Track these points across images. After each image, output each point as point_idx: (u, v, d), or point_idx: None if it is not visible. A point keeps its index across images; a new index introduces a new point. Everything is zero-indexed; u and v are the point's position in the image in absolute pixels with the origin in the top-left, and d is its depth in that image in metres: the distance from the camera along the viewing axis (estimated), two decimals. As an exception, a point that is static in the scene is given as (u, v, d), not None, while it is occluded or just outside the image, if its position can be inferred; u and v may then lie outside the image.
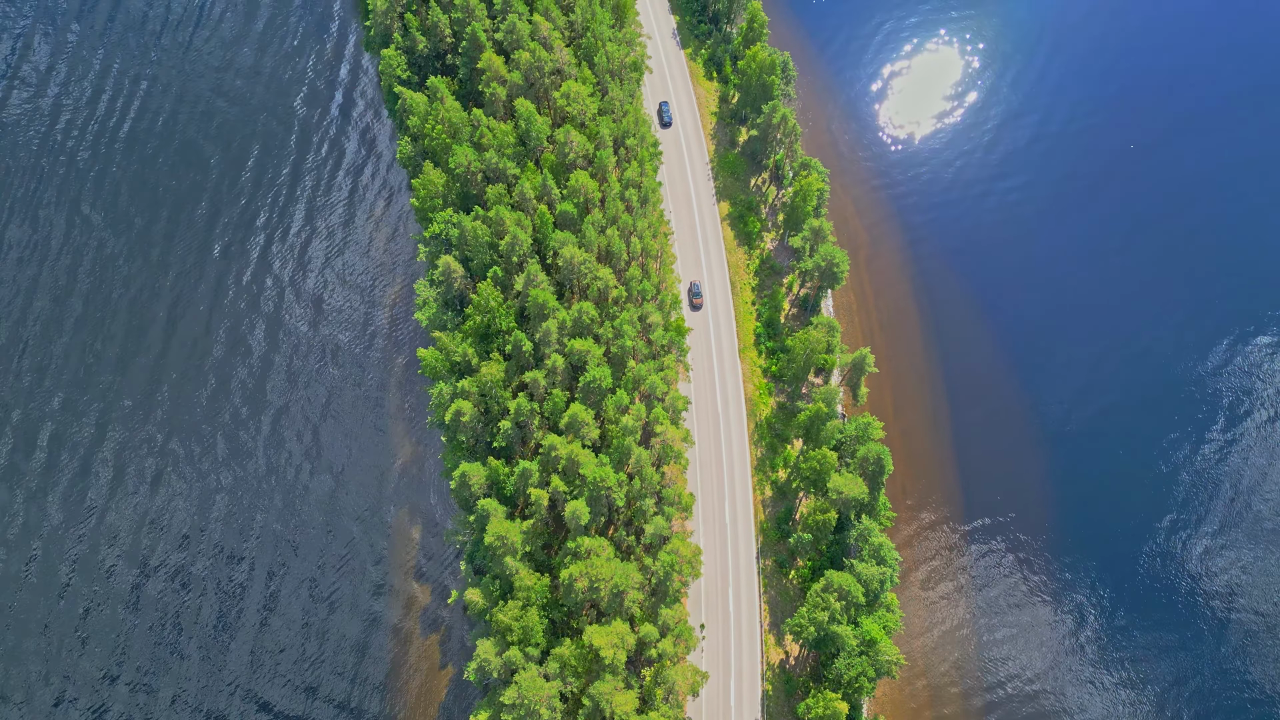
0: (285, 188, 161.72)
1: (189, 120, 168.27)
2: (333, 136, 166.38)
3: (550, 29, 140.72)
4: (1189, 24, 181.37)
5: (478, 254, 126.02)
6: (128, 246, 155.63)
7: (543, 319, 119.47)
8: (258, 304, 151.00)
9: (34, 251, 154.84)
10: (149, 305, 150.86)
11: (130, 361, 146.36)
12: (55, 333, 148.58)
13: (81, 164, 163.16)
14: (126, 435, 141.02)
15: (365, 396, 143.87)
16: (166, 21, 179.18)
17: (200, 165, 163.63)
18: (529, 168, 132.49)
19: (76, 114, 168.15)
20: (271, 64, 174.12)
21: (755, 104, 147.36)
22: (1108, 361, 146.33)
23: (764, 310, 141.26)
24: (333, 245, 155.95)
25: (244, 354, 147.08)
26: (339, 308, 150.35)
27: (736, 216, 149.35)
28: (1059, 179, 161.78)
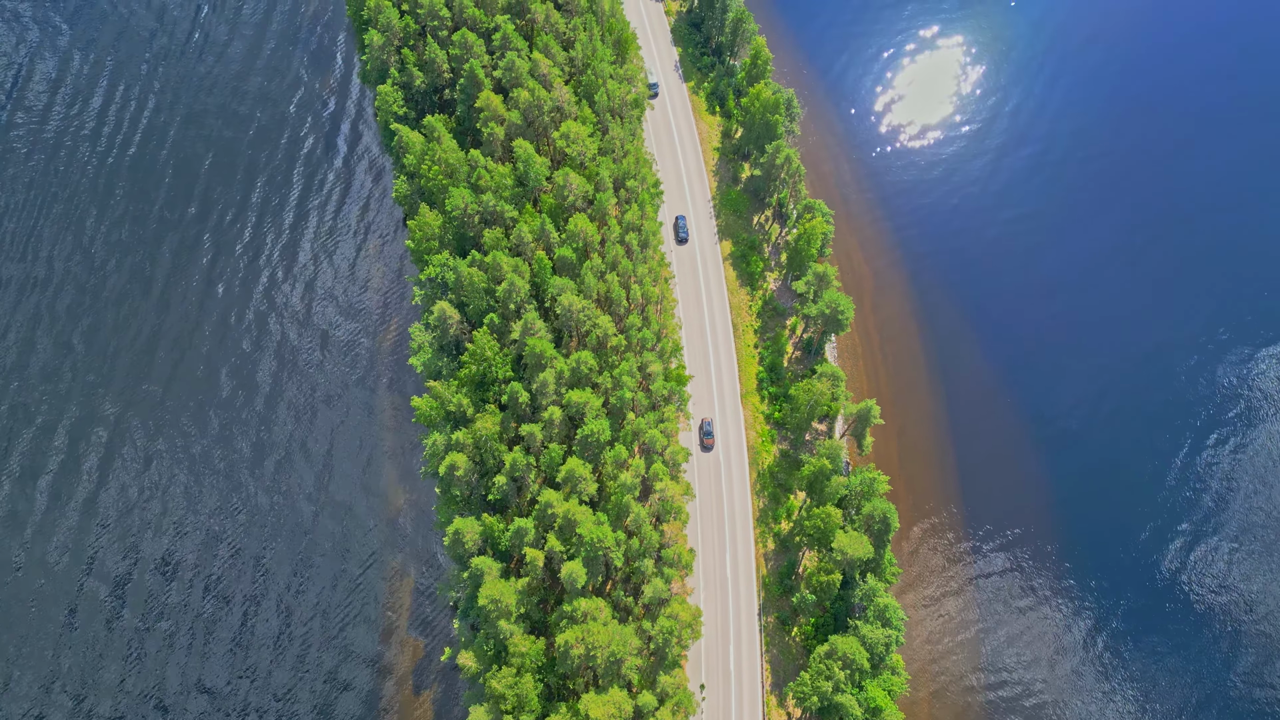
0: (284, 220, 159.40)
1: (189, 151, 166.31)
2: (333, 170, 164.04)
3: (550, 66, 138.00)
4: (1195, 33, 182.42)
5: (474, 300, 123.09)
6: (126, 281, 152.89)
7: (540, 369, 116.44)
8: (257, 339, 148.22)
9: (32, 281, 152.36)
10: (150, 340, 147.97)
11: (132, 399, 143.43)
12: (49, 394, 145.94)
13: (82, 195, 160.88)
14: (126, 480, 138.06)
15: (363, 437, 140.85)
16: (168, 51, 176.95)
17: (199, 197, 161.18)
18: (527, 210, 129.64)
19: (78, 142, 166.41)
20: (274, 93, 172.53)
21: (759, 143, 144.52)
22: (1116, 382, 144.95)
23: (766, 354, 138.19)
24: (331, 282, 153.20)
25: (245, 391, 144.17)
26: (337, 346, 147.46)
27: (739, 256, 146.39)
28: (1063, 206, 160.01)
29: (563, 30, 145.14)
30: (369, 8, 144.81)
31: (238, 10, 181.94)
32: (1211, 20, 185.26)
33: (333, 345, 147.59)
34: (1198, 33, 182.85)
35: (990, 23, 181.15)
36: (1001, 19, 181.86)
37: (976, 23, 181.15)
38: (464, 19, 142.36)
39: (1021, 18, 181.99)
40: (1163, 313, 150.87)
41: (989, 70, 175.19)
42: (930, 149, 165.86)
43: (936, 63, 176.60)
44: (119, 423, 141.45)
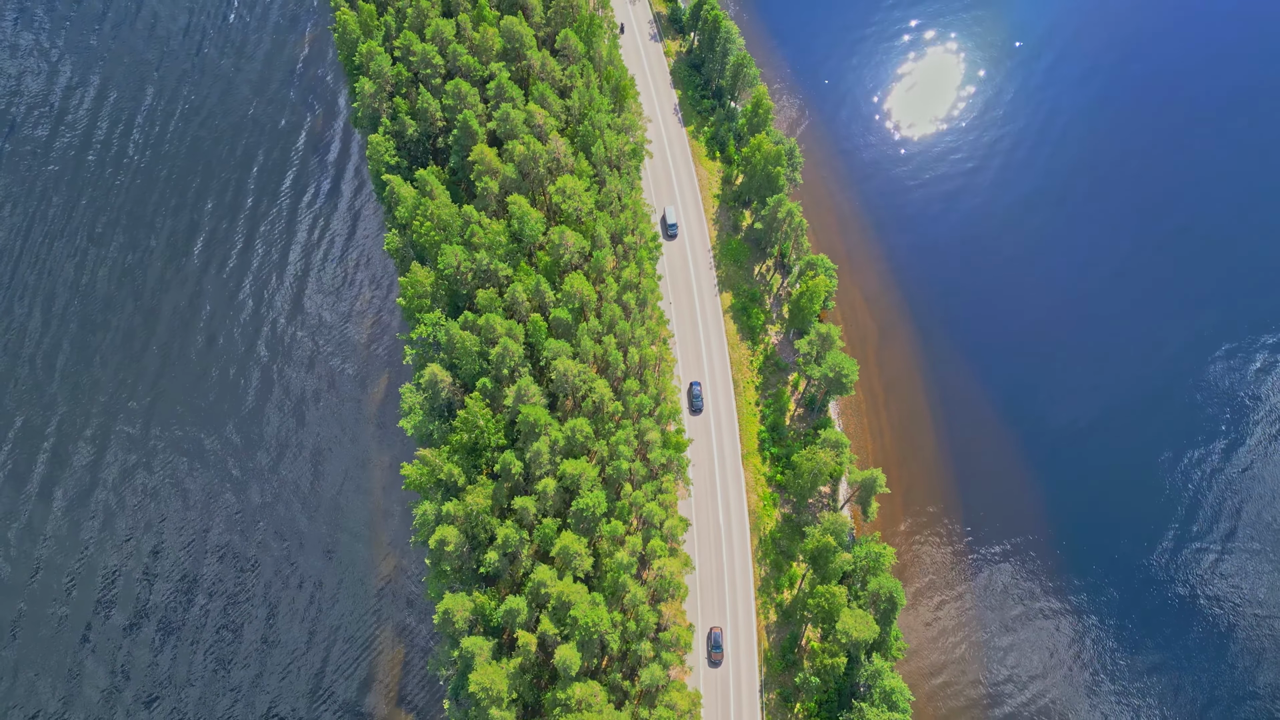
0: (275, 267, 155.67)
1: (178, 190, 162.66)
2: (326, 212, 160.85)
3: (546, 116, 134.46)
4: (1192, 29, 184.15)
5: (466, 363, 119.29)
6: (119, 338, 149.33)
7: (534, 437, 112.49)
8: (250, 390, 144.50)
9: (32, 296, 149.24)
10: (131, 392, 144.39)
11: (121, 487, 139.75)
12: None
13: (76, 237, 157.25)
14: (117, 564, 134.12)
15: (353, 496, 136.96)
16: (159, 97, 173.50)
17: (183, 237, 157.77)
18: (522, 267, 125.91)
19: (64, 180, 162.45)
20: (267, 130, 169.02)
21: (760, 195, 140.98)
22: (1120, 393, 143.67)
23: (768, 413, 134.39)
24: (322, 331, 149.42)
25: (242, 443, 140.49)
26: (328, 401, 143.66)
27: (739, 309, 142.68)
28: (1070, 239, 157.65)
29: (559, 78, 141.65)
30: (360, 54, 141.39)
31: (240, 47, 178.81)
32: (1213, 20, 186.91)
33: (323, 398, 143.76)
34: (1199, 32, 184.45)
35: (995, 59, 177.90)
36: (1006, 56, 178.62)
37: (979, 56, 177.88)
38: (458, 67, 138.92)
39: (1025, 53, 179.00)
40: (1173, 322, 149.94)
41: (994, 105, 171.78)
42: (935, 186, 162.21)
43: (940, 97, 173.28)
44: (117, 483, 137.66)
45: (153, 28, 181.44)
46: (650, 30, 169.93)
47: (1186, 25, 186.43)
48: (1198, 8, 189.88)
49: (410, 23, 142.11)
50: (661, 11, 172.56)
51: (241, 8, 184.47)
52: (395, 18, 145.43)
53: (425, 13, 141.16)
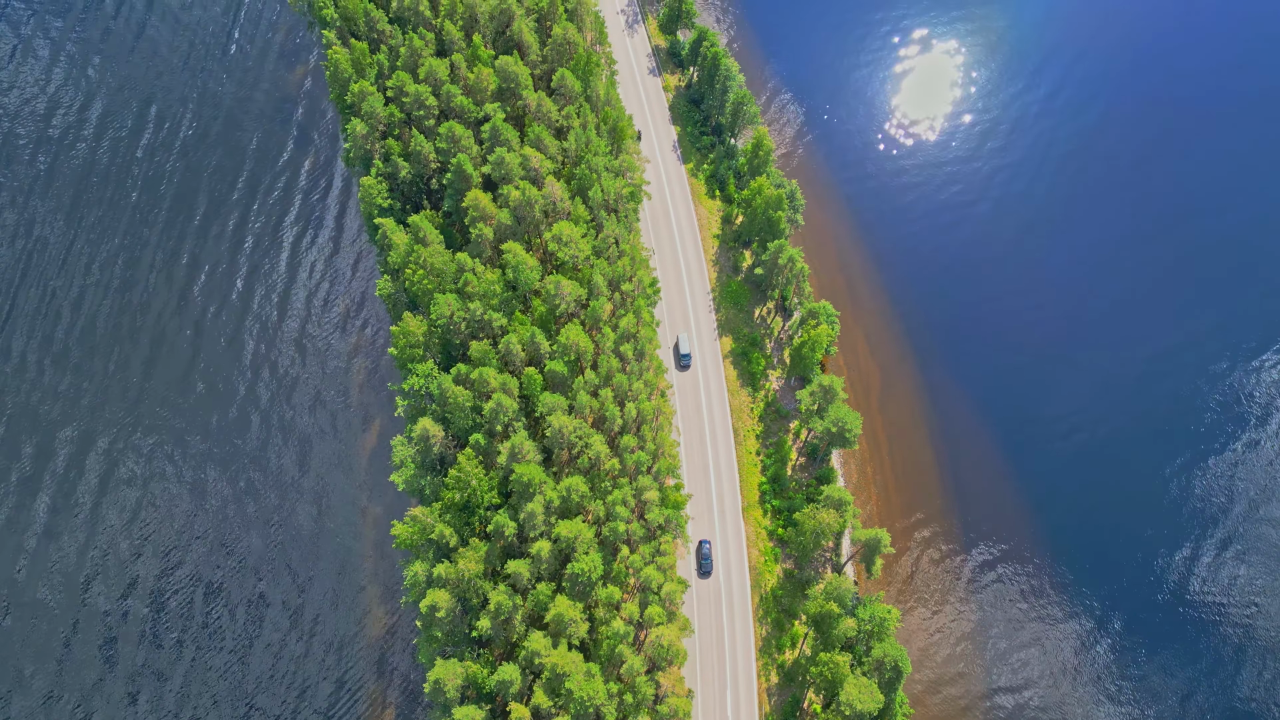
0: (272, 307, 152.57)
1: (172, 239, 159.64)
2: (321, 254, 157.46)
3: (542, 159, 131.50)
4: (1198, 33, 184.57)
5: (458, 418, 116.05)
6: (99, 386, 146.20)
7: (528, 498, 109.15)
8: (244, 435, 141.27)
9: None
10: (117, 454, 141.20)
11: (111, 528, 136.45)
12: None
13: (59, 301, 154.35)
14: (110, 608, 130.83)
15: (344, 548, 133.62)
16: (157, 130, 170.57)
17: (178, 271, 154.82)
18: (517, 317, 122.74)
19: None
20: (265, 169, 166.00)
21: (761, 239, 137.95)
22: (1125, 406, 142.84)
23: (769, 462, 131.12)
24: (313, 375, 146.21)
25: (226, 490, 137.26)
26: (318, 450, 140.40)
27: (740, 353, 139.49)
28: (1072, 282, 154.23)
29: (555, 118, 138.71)
30: (353, 93, 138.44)
31: (240, 78, 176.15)
32: (1215, 19, 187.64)
33: (313, 445, 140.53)
34: (1201, 32, 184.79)
35: (994, 89, 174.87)
36: (1006, 86, 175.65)
37: (977, 88, 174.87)
38: (452, 108, 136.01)
39: (1024, 83, 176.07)
40: (1175, 343, 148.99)
41: (992, 136, 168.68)
42: (938, 223, 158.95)
43: (940, 126, 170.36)
44: (112, 531, 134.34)
45: (151, 59, 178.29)
46: (649, 64, 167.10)
47: (1189, 33, 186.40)
48: (1199, 12, 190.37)
49: (403, 62, 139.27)
50: (660, 45, 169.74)
51: (242, 39, 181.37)
52: (388, 56, 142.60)
53: (419, 52, 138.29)
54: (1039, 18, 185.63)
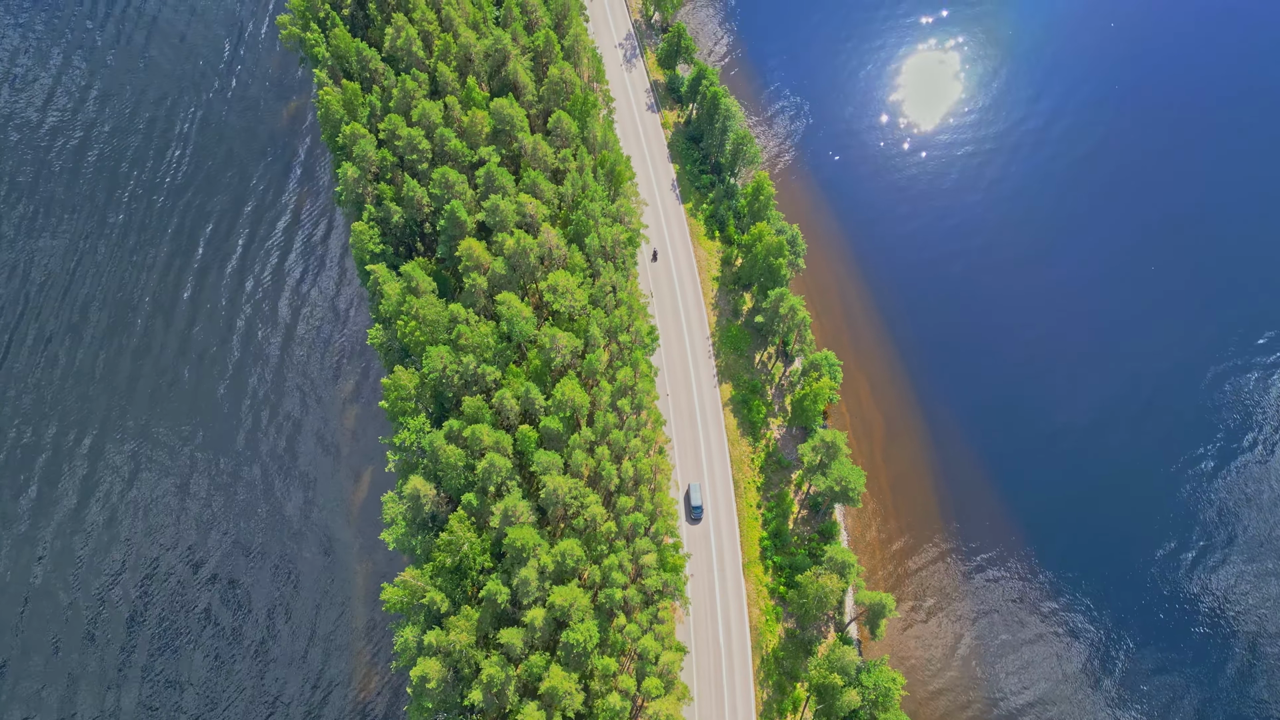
0: (266, 349, 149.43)
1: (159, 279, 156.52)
2: (316, 294, 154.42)
3: (537, 205, 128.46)
4: (1201, 33, 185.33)
5: (450, 477, 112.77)
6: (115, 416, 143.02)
7: (521, 563, 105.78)
8: (234, 489, 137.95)
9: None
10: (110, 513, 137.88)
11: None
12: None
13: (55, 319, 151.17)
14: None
15: (335, 607, 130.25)
16: (154, 166, 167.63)
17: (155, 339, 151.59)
18: (511, 370, 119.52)
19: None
20: (262, 206, 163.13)
21: (761, 285, 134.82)
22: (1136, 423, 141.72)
23: (770, 516, 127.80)
24: (302, 419, 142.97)
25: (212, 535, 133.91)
26: (312, 498, 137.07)
27: (740, 401, 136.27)
28: (1086, 318, 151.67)
29: (551, 162, 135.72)
30: (345, 135, 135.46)
31: (240, 111, 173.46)
32: (1218, 19, 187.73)
33: (308, 491, 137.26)
34: (1203, 32, 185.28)
35: (1003, 129, 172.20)
36: (1010, 120, 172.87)
37: (991, 135, 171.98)
38: (445, 152, 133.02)
39: (1028, 117, 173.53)
40: (1182, 357, 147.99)
41: (1006, 174, 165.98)
42: (942, 263, 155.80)
43: (945, 164, 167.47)
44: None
45: (144, 92, 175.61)
46: (647, 100, 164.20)
47: (1190, 31, 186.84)
48: (1200, 12, 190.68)
49: (396, 103, 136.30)
50: (659, 79, 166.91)
51: (244, 73, 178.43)
52: (380, 97, 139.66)
53: (411, 94, 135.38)
54: (1037, 43, 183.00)
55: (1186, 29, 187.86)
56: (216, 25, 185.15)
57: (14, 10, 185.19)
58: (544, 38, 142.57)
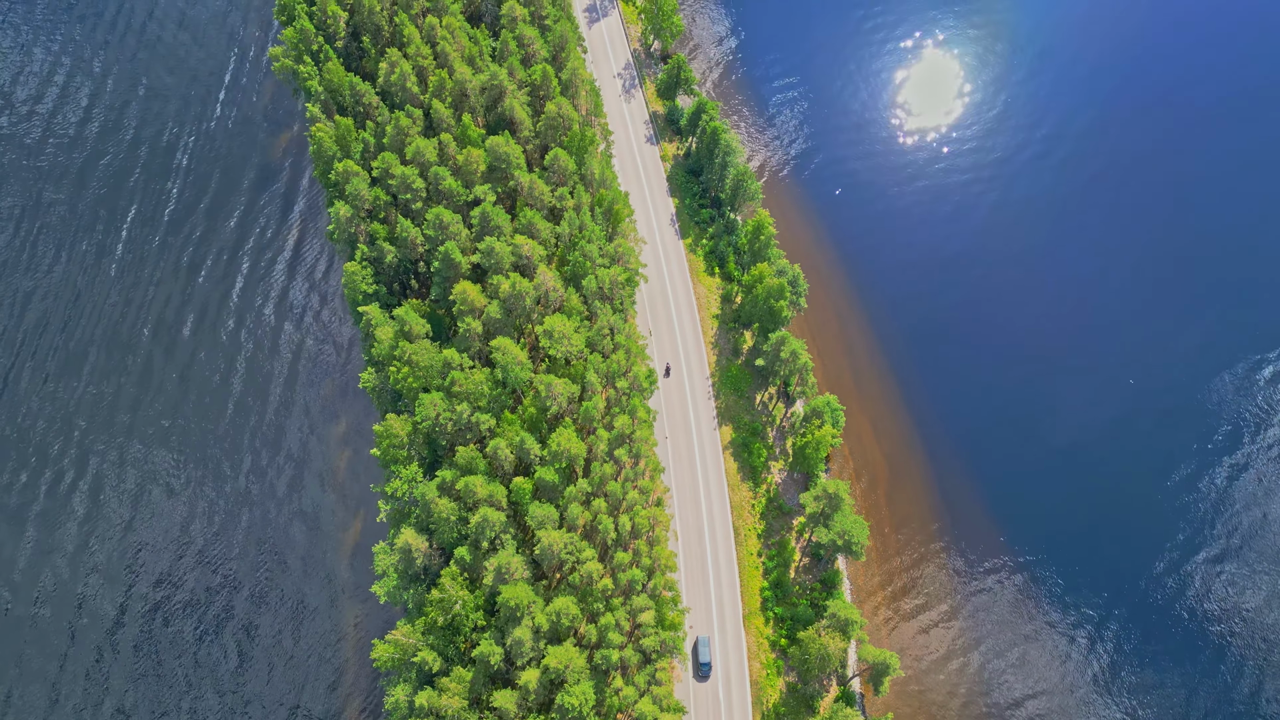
0: (255, 388, 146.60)
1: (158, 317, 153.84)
2: (311, 332, 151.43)
3: (534, 246, 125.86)
4: (1203, 34, 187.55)
5: (443, 530, 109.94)
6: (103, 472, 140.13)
7: (515, 622, 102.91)
8: (225, 530, 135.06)
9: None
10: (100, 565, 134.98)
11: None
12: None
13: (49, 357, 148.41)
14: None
15: (328, 651, 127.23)
16: (148, 202, 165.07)
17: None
18: (506, 418, 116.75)
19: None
20: (257, 242, 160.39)
21: (763, 327, 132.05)
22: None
23: (771, 565, 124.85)
24: (302, 465, 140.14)
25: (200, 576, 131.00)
26: (305, 542, 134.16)
27: (740, 444, 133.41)
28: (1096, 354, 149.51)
29: (548, 200, 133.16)
30: (337, 172, 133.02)
31: (232, 141, 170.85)
32: (1220, 20, 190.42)
33: (301, 535, 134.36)
34: (1206, 33, 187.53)
35: (1001, 156, 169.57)
36: (1013, 155, 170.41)
37: (989, 162, 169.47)
38: (440, 191, 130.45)
39: (1030, 150, 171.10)
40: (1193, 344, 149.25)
41: (1014, 215, 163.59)
42: (941, 292, 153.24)
43: (943, 191, 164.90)
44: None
45: (139, 129, 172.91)
46: (646, 131, 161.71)
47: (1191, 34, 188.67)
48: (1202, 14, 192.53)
49: (390, 140, 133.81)
50: (659, 110, 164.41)
51: (242, 102, 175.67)
52: (374, 133, 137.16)
53: (405, 131, 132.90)
54: (1033, 72, 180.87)
55: (1189, 31, 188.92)
56: (213, 54, 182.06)
57: (13, 40, 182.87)
58: (541, 72, 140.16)
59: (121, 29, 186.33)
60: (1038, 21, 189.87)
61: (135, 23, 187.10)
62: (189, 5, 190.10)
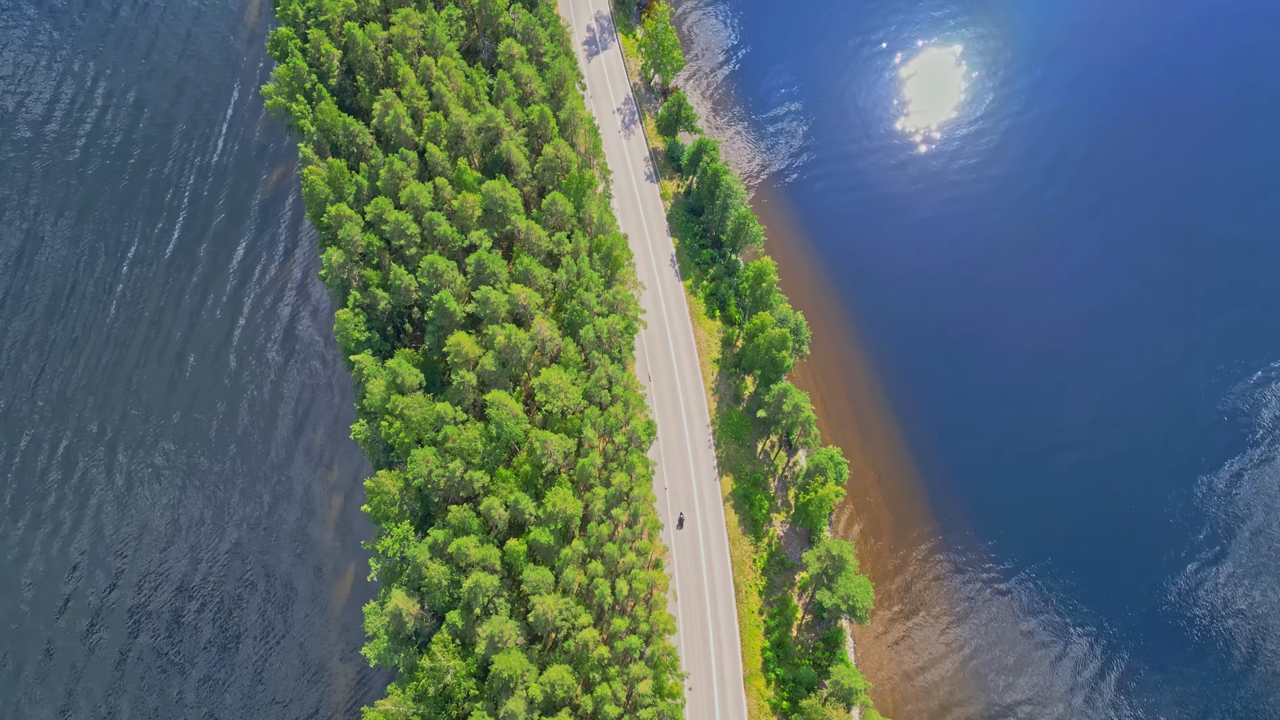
0: (251, 431, 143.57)
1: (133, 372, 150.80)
2: (305, 373, 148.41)
3: (530, 294, 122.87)
4: (1206, 38, 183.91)
5: (435, 595, 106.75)
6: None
7: (508, 694, 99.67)
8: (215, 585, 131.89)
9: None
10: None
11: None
12: None
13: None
14: None
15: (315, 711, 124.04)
16: (145, 240, 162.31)
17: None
18: (500, 474, 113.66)
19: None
20: (251, 280, 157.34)
21: (765, 377, 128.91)
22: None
23: (773, 624, 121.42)
24: (290, 514, 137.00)
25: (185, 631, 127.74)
26: (298, 591, 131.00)
27: (741, 496, 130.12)
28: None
29: (545, 245, 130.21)
30: (330, 215, 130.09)
31: (224, 178, 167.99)
32: (1223, 24, 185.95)
33: (293, 585, 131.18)
34: (1208, 37, 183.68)
35: (997, 187, 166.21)
36: (1011, 186, 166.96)
37: (1001, 211, 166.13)
38: (435, 236, 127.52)
39: (1033, 184, 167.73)
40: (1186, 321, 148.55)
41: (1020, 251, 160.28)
42: (946, 329, 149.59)
43: (941, 225, 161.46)
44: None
45: (135, 166, 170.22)
46: (646, 169, 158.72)
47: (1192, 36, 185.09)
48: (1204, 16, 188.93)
49: (384, 184, 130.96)
50: (659, 147, 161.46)
51: (239, 136, 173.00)
52: (368, 175, 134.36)
53: (400, 174, 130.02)
54: (1030, 102, 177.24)
55: (1192, 37, 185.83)
56: (204, 96, 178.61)
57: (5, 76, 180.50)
58: (539, 113, 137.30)
59: (125, 49, 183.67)
60: (1045, 48, 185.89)
61: (139, 45, 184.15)
62: (193, 25, 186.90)
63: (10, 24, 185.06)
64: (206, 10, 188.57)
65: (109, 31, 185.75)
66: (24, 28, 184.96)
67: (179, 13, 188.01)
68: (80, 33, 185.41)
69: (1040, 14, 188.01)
